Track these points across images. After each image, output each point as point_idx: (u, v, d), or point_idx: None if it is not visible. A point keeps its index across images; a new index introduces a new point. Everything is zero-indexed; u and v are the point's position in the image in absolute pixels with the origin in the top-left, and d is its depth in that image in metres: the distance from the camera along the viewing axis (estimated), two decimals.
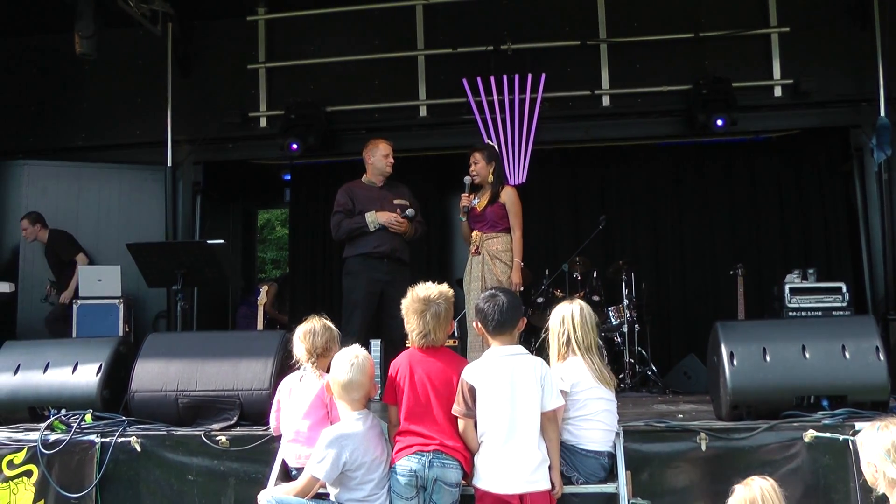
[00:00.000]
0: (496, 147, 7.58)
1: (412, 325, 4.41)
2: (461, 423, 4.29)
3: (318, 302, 10.72)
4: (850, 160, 9.46)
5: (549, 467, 4.22)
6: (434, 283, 4.52)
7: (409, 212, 7.20)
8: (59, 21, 9.02)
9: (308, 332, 4.63)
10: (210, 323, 10.11)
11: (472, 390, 4.26)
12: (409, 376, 4.34)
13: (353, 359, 4.26)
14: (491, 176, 7.24)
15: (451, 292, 4.51)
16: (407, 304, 4.44)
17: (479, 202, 7.20)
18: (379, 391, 4.59)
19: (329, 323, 4.70)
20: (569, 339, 4.61)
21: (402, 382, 4.35)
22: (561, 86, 9.56)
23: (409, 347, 4.53)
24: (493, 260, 7.09)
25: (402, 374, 4.37)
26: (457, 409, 4.28)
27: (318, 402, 4.47)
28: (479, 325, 4.49)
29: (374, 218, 7.10)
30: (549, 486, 4.18)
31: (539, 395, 4.21)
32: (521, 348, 4.40)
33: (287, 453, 4.59)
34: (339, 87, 10.04)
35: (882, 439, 3.50)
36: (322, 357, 4.57)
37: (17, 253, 9.65)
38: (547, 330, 4.80)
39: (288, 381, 4.71)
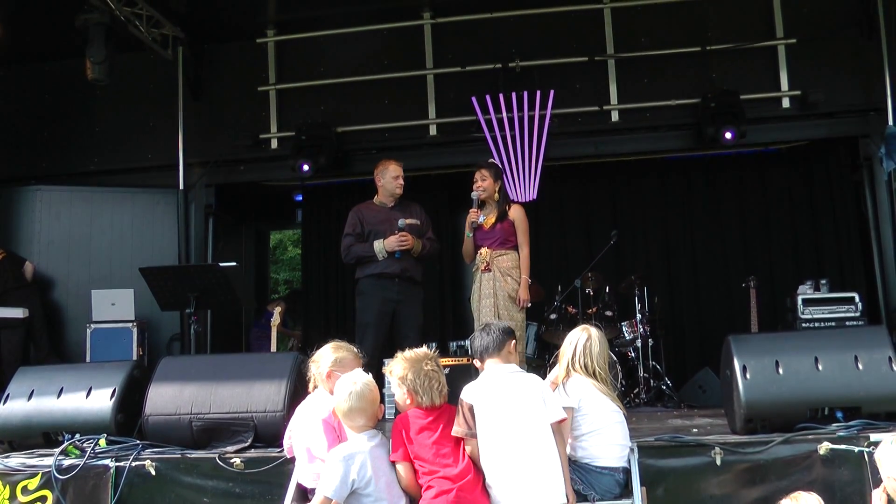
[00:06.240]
0: (499, 165, 7.59)
1: (432, 379, 4.32)
2: (468, 446, 4.27)
3: (332, 322, 10.78)
4: (859, 170, 9.43)
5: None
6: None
7: (400, 222, 7.18)
8: (71, 47, 9.09)
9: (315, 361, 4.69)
10: (224, 345, 10.12)
11: (471, 409, 4.27)
12: (418, 432, 4.30)
13: (351, 386, 4.24)
14: (497, 193, 7.27)
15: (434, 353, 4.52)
16: (406, 369, 4.35)
17: (486, 219, 7.21)
18: (385, 411, 4.58)
19: (342, 349, 4.72)
20: (574, 364, 4.64)
21: (408, 447, 4.29)
22: (569, 102, 9.58)
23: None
24: (505, 277, 7.08)
25: (406, 440, 4.30)
26: (457, 430, 4.27)
27: (328, 428, 4.47)
28: (476, 360, 4.55)
29: (381, 247, 7.11)
30: (563, 501, 4.15)
31: (542, 409, 4.22)
32: (517, 367, 4.43)
33: (303, 477, 4.59)
34: (348, 108, 10.07)
35: None
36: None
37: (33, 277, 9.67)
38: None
39: (302, 407, 4.71)
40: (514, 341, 4.50)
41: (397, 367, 4.39)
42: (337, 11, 9.81)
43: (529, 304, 7.20)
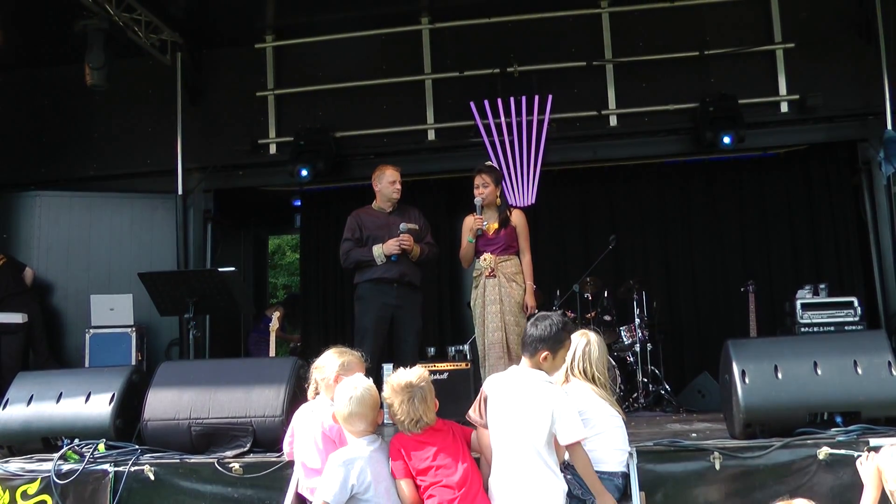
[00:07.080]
0: (498, 168, 7.59)
1: (402, 413, 4.26)
2: (480, 433, 4.34)
3: (330, 327, 10.77)
4: (858, 174, 9.45)
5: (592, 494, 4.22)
6: (406, 368, 4.45)
7: (402, 226, 7.16)
8: (70, 53, 9.11)
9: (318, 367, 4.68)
10: (222, 350, 10.12)
11: (486, 400, 4.31)
12: (417, 448, 4.29)
13: (352, 391, 4.25)
14: (498, 199, 7.23)
15: (427, 373, 4.43)
16: (388, 396, 4.31)
17: (489, 225, 7.15)
18: (384, 416, 4.56)
19: (346, 353, 4.71)
20: (573, 369, 4.65)
21: (408, 463, 4.28)
22: (568, 106, 9.59)
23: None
24: (510, 282, 7.02)
25: (405, 457, 4.29)
26: (471, 415, 4.33)
27: (325, 438, 4.47)
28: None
29: (379, 252, 7.09)
30: None
31: (548, 422, 4.14)
32: (543, 374, 4.31)
33: (301, 489, 4.59)
34: (347, 113, 10.08)
35: None
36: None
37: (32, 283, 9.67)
38: None
39: (302, 412, 4.71)
40: (546, 353, 4.29)
41: (386, 389, 4.37)
42: (335, 17, 9.81)
43: (536, 311, 7.16)
